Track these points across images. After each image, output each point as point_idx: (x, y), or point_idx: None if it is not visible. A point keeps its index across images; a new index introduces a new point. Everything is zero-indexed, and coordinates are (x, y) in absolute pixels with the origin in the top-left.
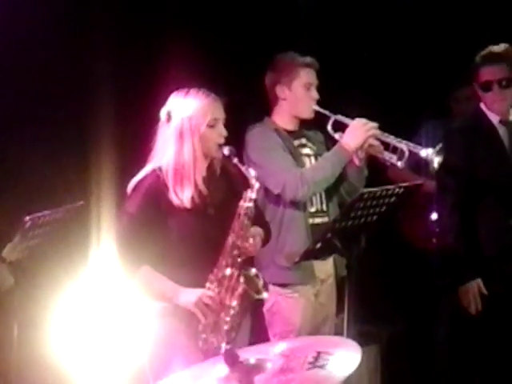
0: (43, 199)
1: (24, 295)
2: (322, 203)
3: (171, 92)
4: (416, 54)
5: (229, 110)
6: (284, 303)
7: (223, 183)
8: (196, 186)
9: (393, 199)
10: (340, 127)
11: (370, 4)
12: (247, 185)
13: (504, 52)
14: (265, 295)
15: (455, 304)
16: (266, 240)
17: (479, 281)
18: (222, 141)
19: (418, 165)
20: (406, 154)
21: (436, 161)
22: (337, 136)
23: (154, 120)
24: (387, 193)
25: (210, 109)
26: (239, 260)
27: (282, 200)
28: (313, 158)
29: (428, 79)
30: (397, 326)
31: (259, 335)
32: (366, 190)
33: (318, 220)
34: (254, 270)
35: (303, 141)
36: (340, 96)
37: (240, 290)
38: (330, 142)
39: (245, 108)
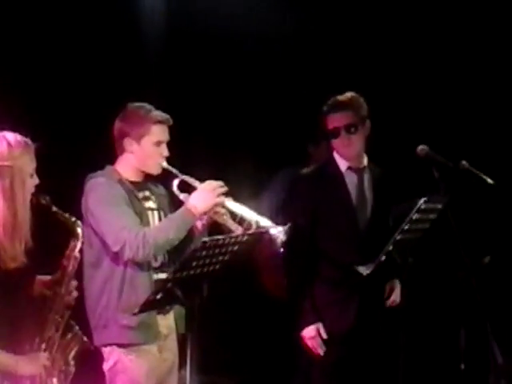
0: None
1: None
2: (166, 258)
3: None
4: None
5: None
6: (128, 362)
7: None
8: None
9: (236, 247)
10: (185, 187)
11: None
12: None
13: (349, 100)
14: None
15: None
16: None
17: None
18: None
19: None
20: (253, 227)
21: (281, 240)
22: (182, 197)
23: None
24: (230, 241)
25: (33, 157)
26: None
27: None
28: (156, 213)
29: (285, 125)
30: (241, 376)
31: None
32: (208, 238)
33: (162, 275)
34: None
35: (147, 193)
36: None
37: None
38: (171, 197)
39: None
